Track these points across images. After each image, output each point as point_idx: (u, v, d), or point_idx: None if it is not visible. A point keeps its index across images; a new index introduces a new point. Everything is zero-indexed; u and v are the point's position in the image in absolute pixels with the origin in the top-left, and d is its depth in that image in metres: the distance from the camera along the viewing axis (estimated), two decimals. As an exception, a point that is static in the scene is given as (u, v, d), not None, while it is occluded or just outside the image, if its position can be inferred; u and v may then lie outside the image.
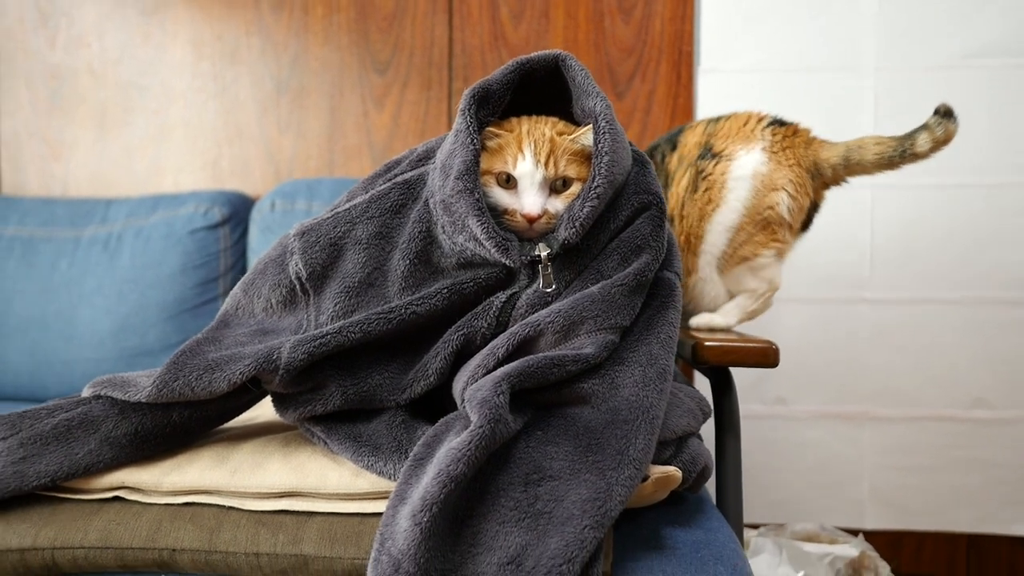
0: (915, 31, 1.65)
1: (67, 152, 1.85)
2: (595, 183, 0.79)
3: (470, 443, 0.68)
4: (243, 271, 1.63)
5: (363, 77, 1.77)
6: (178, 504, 0.78)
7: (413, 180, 0.88)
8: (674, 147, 1.17)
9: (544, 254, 0.80)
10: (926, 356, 1.65)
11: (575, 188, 0.83)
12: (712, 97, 1.70)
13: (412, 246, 0.84)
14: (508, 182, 0.83)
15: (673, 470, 0.77)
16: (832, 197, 1.65)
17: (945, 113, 1.11)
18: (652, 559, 0.74)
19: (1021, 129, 1.62)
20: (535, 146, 0.82)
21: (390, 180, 0.90)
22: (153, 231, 1.61)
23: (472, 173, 0.80)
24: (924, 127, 1.11)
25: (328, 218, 0.87)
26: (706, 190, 1.09)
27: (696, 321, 1.13)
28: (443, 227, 0.83)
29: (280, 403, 0.83)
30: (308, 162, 1.79)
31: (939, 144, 1.13)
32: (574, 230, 0.79)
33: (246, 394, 0.83)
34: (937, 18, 1.64)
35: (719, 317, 1.12)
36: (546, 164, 0.81)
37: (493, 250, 0.79)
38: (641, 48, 1.72)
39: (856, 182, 1.65)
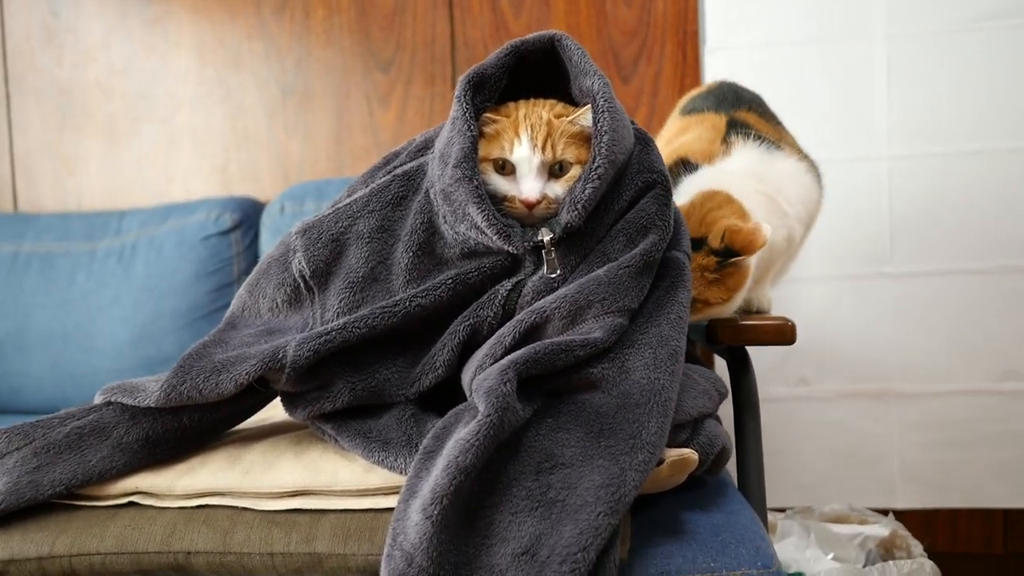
0: (926, -6, 1.60)
1: (80, 166, 1.87)
2: (596, 164, 0.77)
3: (478, 433, 0.67)
4: (256, 275, 1.63)
5: (367, 76, 1.77)
6: (191, 507, 0.78)
7: (413, 171, 0.87)
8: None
9: (547, 239, 0.79)
10: (952, 329, 1.61)
11: (575, 171, 0.81)
12: (721, 75, 1.67)
13: (415, 238, 0.83)
14: (505, 168, 0.82)
15: (689, 452, 0.75)
16: (846, 170, 1.62)
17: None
18: (671, 544, 0.73)
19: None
20: (532, 130, 0.80)
21: (390, 172, 0.89)
22: (166, 240, 1.62)
23: (470, 160, 0.79)
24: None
25: (329, 214, 0.86)
26: None
27: None
28: (444, 217, 0.82)
29: (289, 402, 0.82)
30: (316, 164, 1.79)
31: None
32: (576, 213, 0.78)
33: (255, 395, 0.82)
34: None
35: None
36: (543, 148, 0.80)
37: (494, 237, 0.78)
38: (645, 30, 1.69)
39: (871, 153, 1.63)
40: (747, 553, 0.72)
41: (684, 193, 0.98)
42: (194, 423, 0.82)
